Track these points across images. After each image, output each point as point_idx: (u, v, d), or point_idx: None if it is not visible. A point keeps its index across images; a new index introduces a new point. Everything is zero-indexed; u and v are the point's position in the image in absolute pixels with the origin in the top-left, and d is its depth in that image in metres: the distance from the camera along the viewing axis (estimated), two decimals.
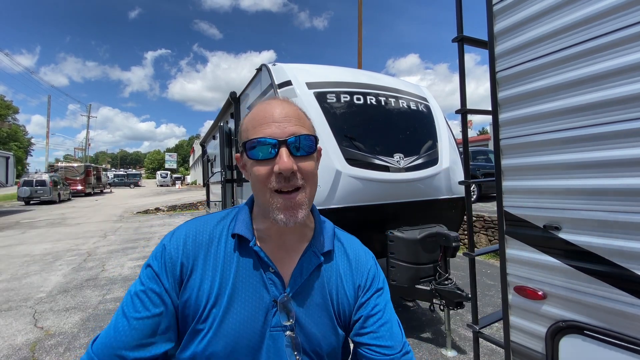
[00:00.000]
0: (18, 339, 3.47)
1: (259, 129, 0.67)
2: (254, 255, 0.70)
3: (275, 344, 0.67)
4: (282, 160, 0.64)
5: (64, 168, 27.16)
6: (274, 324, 0.67)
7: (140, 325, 0.64)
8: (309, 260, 0.73)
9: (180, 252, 0.69)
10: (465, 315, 3.77)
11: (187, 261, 0.69)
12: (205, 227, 0.73)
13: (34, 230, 10.76)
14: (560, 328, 1.43)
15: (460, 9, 1.89)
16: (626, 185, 1.22)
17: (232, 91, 5.26)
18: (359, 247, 0.83)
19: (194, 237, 0.71)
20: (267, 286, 0.69)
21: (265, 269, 0.70)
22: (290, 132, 0.66)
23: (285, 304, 0.68)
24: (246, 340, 0.65)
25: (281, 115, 0.68)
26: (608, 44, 1.25)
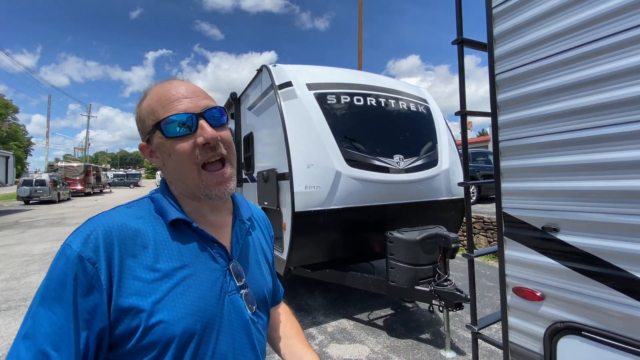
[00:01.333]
0: None
1: (170, 107, 0.68)
2: (195, 236, 0.72)
3: (234, 305, 0.72)
4: (205, 130, 0.67)
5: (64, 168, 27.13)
6: (230, 290, 0.73)
7: None
8: (240, 228, 0.82)
9: (102, 253, 0.60)
10: (464, 316, 3.78)
11: (114, 264, 0.61)
12: (125, 221, 0.67)
13: (33, 229, 10.76)
14: (558, 329, 1.43)
15: (460, 12, 1.90)
16: (625, 188, 1.23)
17: (232, 92, 5.28)
18: (259, 209, 1.00)
19: (118, 230, 0.64)
20: (216, 259, 0.73)
21: (211, 245, 0.73)
22: (204, 105, 0.70)
23: (235, 268, 0.75)
24: (210, 310, 0.68)
25: (189, 91, 0.70)
26: (607, 47, 1.26)
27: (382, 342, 3.30)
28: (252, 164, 4.57)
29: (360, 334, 3.46)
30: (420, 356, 3.04)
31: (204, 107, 0.69)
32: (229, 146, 0.72)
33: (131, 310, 0.60)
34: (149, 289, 0.62)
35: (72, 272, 0.57)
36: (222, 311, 0.70)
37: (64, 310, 0.56)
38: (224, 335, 0.69)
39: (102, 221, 0.65)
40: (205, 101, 0.70)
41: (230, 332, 0.70)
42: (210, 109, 0.70)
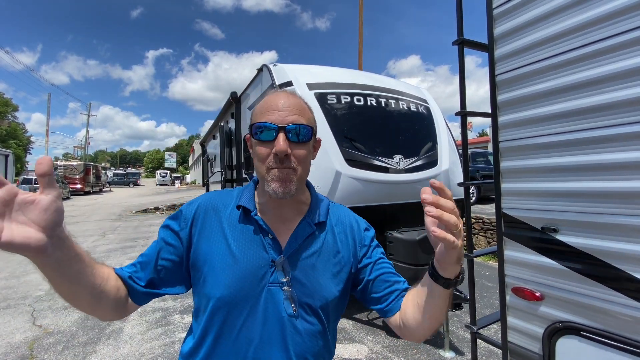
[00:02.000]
0: (16, 337, 3.47)
1: (264, 115, 0.79)
2: (255, 223, 0.82)
3: (272, 296, 0.78)
4: (278, 143, 0.75)
5: (64, 166, 27.11)
6: (272, 280, 0.78)
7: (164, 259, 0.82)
8: (303, 229, 0.84)
9: (193, 215, 0.84)
10: (463, 316, 3.78)
11: (197, 222, 0.83)
12: (216, 198, 0.88)
13: None
14: (557, 329, 1.44)
15: (461, 12, 1.91)
16: (624, 188, 1.23)
17: (232, 91, 5.28)
18: (350, 215, 0.96)
19: (205, 205, 0.86)
20: (267, 249, 0.80)
21: (265, 235, 0.81)
22: (289, 120, 0.77)
23: (282, 264, 0.79)
24: (247, 290, 0.77)
25: (284, 105, 0.79)
26: (607, 48, 1.26)
27: (381, 342, 3.30)
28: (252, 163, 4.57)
29: (359, 334, 3.46)
30: (419, 356, 3.04)
31: (289, 122, 0.77)
32: (300, 162, 0.79)
33: (199, 262, 0.80)
34: (210, 253, 0.80)
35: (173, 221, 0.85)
36: (258, 296, 0.77)
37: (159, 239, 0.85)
38: (254, 318, 0.77)
39: (201, 198, 0.89)
40: (293, 117, 0.78)
41: (262, 319, 0.77)
42: (292, 125, 0.77)
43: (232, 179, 5.56)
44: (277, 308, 0.77)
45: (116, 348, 3.25)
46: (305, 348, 0.79)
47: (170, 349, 3.22)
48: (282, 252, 0.80)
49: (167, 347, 3.26)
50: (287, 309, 0.77)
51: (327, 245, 0.86)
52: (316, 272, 0.83)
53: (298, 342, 0.78)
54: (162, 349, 3.24)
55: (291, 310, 0.77)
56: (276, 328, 0.77)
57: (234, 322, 0.77)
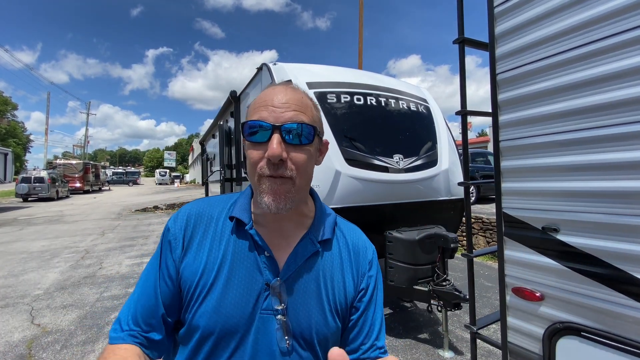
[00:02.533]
0: (15, 336, 3.46)
1: (257, 111, 0.67)
2: (249, 238, 0.71)
3: (264, 326, 0.67)
4: (271, 146, 0.63)
5: (63, 165, 27.10)
6: (265, 307, 0.68)
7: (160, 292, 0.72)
8: (304, 248, 0.73)
9: (181, 230, 0.73)
10: (462, 316, 3.78)
11: (185, 238, 0.73)
12: (206, 208, 0.76)
13: (32, 227, 10.73)
14: (558, 329, 1.43)
15: (462, 11, 1.90)
16: (625, 188, 1.23)
17: (232, 90, 5.26)
18: (360, 238, 0.82)
19: (195, 216, 0.75)
20: (261, 269, 0.69)
21: (260, 253, 0.70)
22: (287, 118, 0.65)
23: (278, 288, 0.68)
24: (237, 318, 0.67)
25: (281, 100, 0.66)
26: (608, 47, 1.25)
27: None
28: None
29: None
30: (418, 356, 3.04)
31: (286, 120, 0.64)
32: (298, 168, 0.66)
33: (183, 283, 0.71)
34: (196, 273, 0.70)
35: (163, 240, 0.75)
36: (250, 325, 0.67)
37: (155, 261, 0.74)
38: (242, 351, 0.66)
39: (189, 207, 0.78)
40: (291, 114, 0.65)
41: (251, 353, 0.66)
42: (289, 125, 0.64)
43: (232, 178, 5.55)
44: (269, 341, 0.67)
45: None
46: None
47: None
48: (278, 273, 0.69)
49: None
50: (280, 343, 0.67)
51: (331, 269, 0.75)
52: (316, 301, 0.71)
53: None
54: None
55: (284, 345, 0.67)
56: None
57: (220, 356, 0.67)
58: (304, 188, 0.71)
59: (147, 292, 0.71)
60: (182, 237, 0.72)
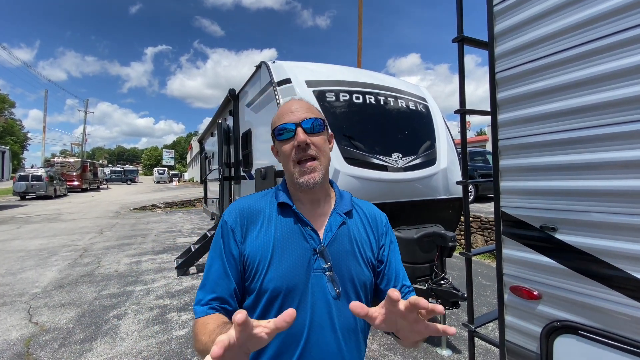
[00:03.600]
0: (12, 334, 3.45)
1: (282, 119, 0.92)
2: (294, 216, 0.92)
3: (318, 281, 0.87)
4: (298, 135, 0.87)
5: (61, 163, 27.01)
6: (316, 267, 0.88)
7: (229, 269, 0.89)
8: (335, 219, 0.94)
9: (237, 220, 0.92)
10: (460, 314, 3.79)
11: (242, 226, 0.91)
12: (252, 202, 0.96)
13: (30, 225, 10.70)
14: (555, 328, 1.44)
15: (461, 10, 1.89)
16: (622, 187, 1.23)
17: (230, 88, 5.25)
18: (374, 209, 1.07)
19: (247, 209, 0.94)
20: (307, 239, 0.90)
21: (304, 226, 0.91)
22: (303, 117, 0.90)
23: (322, 251, 0.89)
24: (296, 279, 0.86)
25: (296, 107, 0.92)
26: (607, 47, 1.25)
27: (379, 340, 3.30)
28: (250, 161, 4.56)
29: None
30: (416, 354, 3.04)
31: (303, 118, 0.90)
32: (319, 148, 0.90)
33: (249, 260, 0.88)
34: (259, 250, 0.88)
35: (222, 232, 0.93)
36: (306, 282, 0.86)
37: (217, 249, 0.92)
38: (304, 303, 0.85)
39: (239, 203, 0.96)
40: (305, 114, 0.90)
41: (311, 303, 0.85)
42: (306, 120, 0.89)
43: (230, 176, 5.54)
44: (324, 292, 0.87)
45: (113, 345, 3.24)
46: (350, 326, 0.89)
47: (167, 347, 3.21)
48: (320, 240, 0.90)
49: (164, 345, 3.25)
50: (331, 292, 0.87)
51: (357, 233, 0.96)
52: (352, 257, 0.92)
53: (343, 321, 0.87)
54: (159, 346, 3.23)
55: (334, 293, 0.87)
56: (324, 310, 0.86)
57: (289, 307, 0.79)
58: (326, 164, 0.93)
59: (218, 273, 0.88)
60: (240, 225, 0.91)
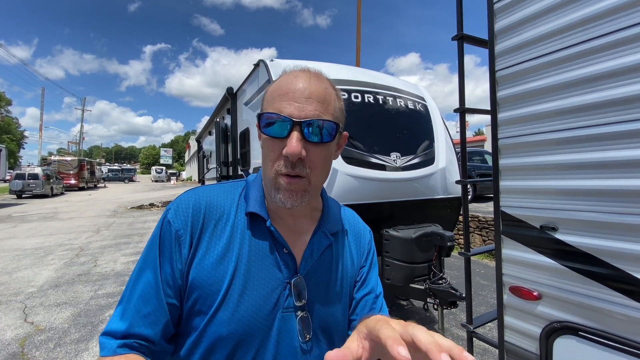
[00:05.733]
0: (7, 334, 3.42)
1: (278, 102, 0.61)
2: (268, 235, 0.68)
3: (286, 324, 0.66)
4: (290, 143, 0.58)
5: (58, 162, 26.89)
6: (286, 306, 0.66)
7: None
8: (319, 241, 0.72)
9: (188, 223, 0.65)
10: (458, 314, 3.79)
11: (193, 233, 0.65)
12: (214, 197, 0.69)
13: (26, 224, 10.64)
14: (555, 329, 1.43)
15: (461, 7, 1.88)
16: (623, 187, 1.22)
17: (228, 87, 5.23)
18: (358, 222, 0.85)
19: (205, 206, 0.67)
20: (280, 267, 0.67)
21: (280, 250, 0.67)
22: (308, 113, 0.60)
23: (298, 285, 0.67)
24: (258, 323, 0.64)
25: (304, 92, 0.61)
26: (608, 45, 1.24)
27: None
28: (248, 159, 4.54)
29: None
30: None
31: (307, 116, 0.59)
32: (314, 167, 0.62)
33: (194, 287, 0.63)
34: (210, 275, 0.63)
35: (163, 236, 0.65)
36: (270, 326, 0.65)
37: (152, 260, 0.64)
38: (263, 354, 0.64)
39: (193, 196, 0.68)
40: (313, 110, 0.60)
41: (273, 354, 0.64)
42: (311, 120, 0.59)
43: (228, 175, 5.51)
44: (292, 339, 0.65)
45: None
46: None
47: None
48: (297, 269, 0.68)
49: None
50: (301, 338, 0.66)
51: (343, 258, 0.76)
52: (332, 291, 0.72)
53: None
54: None
55: (304, 342, 0.66)
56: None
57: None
58: (320, 185, 0.69)
59: (147, 294, 0.62)
60: (190, 233, 0.64)
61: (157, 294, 0.62)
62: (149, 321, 0.61)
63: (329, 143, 0.64)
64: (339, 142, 0.72)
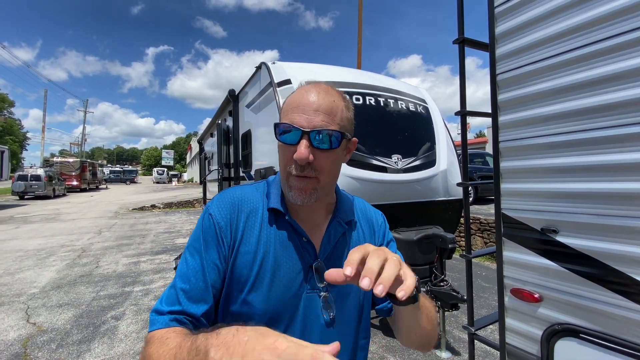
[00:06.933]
0: (10, 335, 3.44)
1: (290, 113, 0.72)
2: (289, 226, 0.77)
3: (311, 304, 0.75)
4: (299, 149, 0.68)
5: (60, 163, 26.99)
6: (310, 287, 0.75)
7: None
8: (335, 230, 0.81)
9: (228, 218, 0.75)
10: (459, 316, 3.78)
11: (232, 227, 0.75)
12: (246, 195, 0.80)
13: (28, 225, 10.67)
14: (556, 331, 1.43)
15: (462, 11, 1.89)
16: (625, 190, 1.22)
17: (230, 89, 5.25)
18: (369, 209, 0.95)
19: (239, 202, 0.78)
20: (302, 254, 0.76)
21: (299, 239, 0.77)
22: (316, 124, 0.69)
23: (319, 268, 0.76)
24: (287, 302, 0.73)
25: (312, 105, 0.70)
26: (609, 48, 1.25)
27: (378, 342, 3.29)
28: (249, 161, 4.55)
29: None
30: (415, 356, 3.03)
31: (314, 126, 0.69)
32: (322, 170, 0.72)
33: (234, 275, 0.73)
34: (247, 263, 0.73)
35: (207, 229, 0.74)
36: (297, 305, 0.74)
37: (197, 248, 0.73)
38: (292, 329, 0.73)
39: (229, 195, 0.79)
40: (320, 120, 0.69)
41: (301, 329, 0.73)
42: (319, 130, 0.69)
43: (229, 177, 5.53)
44: (316, 316, 0.74)
45: (111, 346, 3.22)
46: (343, 352, 0.78)
47: None
48: (317, 255, 0.77)
49: None
50: (325, 316, 0.75)
51: (357, 243, 0.84)
52: None
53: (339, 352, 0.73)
54: None
55: (328, 317, 0.75)
56: (315, 337, 0.74)
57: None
58: (330, 184, 0.78)
59: (194, 279, 0.70)
60: (230, 226, 0.74)
61: (203, 277, 0.71)
62: (196, 299, 0.69)
63: (335, 149, 0.72)
64: (348, 147, 0.80)
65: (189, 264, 0.72)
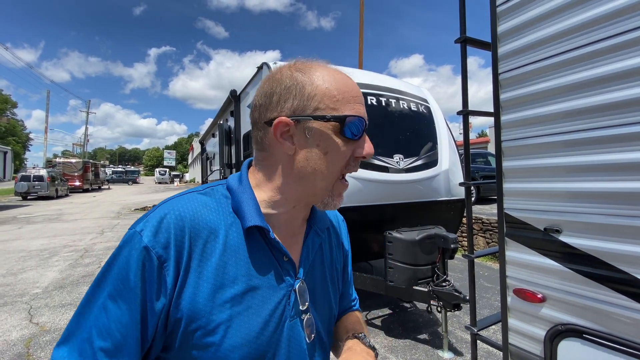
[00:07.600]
0: (13, 335, 3.45)
1: (353, 104, 0.58)
2: (266, 247, 0.62)
3: (294, 331, 0.63)
4: (368, 144, 0.60)
5: (62, 164, 27.10)
6: (293, 314, 0.63)
7: None
8: (312, 241, 0.70)
9: (173, 248, 0.54)
10: (462, 317, 3.77)
11: (182, 258, 0.54)
12: (200, 211, 0.59)
13: (31, 225, 10.71)
14: (559, 331, 1.42)
15: (464, 10, 1.88)
16: (628, 189, 1.21)
17: (232, 89, 5.26)
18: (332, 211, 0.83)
19: (190, 224, 0.56)
20: (283, 277, 0.63)
21: (280, 259, 0.63)
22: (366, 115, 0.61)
23: (301, 290, 0.64)
24: (269, 338, 0.59)
25: (360, 93, 0.61)
26: (611, 47, 1.24)
27: (380, 342, 3.28)
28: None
29: None
30: (418, 356, 3.03)
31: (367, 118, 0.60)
32: None
33: (187, 320, 0.54)
34: (209, 305, 0.55)
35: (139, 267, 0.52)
36: (280, 338, 0.61)
37: (129, 308, 0.52)
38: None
39: (174, 208, 0.56)
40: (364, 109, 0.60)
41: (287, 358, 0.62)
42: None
43: None
44: (299, 343, 0.64)
45: None
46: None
47: None
48: (296, 272, 0.65)
49: None
50: (306, 339, 0.65)
51: (330, 252, 0.76)
52: (326, 288, 0.72)
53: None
54: None
55: (309, 339, 0.66)
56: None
57: None
58: None
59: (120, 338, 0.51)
60: (175, 258, 0.53)
61: (134, 332, 0.52)
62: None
63: None
64: None
65: (109, 314, 0.52)
